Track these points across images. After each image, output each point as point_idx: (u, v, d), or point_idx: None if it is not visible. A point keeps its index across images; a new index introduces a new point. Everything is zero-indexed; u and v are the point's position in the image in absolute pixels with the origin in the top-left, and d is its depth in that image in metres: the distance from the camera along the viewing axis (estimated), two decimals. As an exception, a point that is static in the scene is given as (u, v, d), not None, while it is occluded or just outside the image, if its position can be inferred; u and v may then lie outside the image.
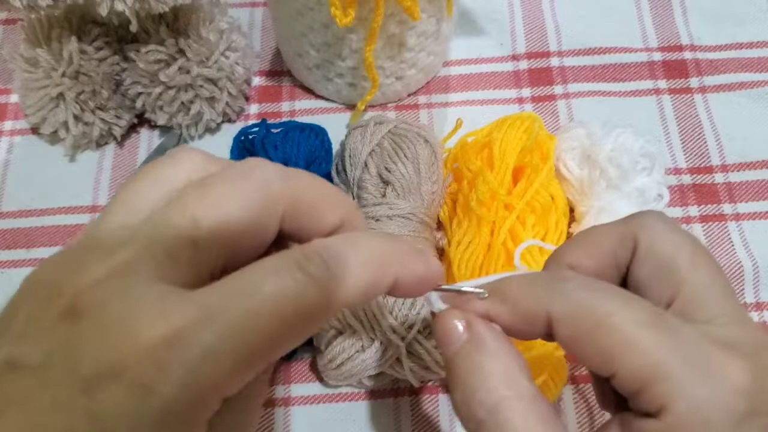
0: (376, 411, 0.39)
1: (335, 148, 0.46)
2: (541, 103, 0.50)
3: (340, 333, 0.38)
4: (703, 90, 0.50)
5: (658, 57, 0.51)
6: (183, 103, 0.46)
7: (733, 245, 0.44)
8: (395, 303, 0.36)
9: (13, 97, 0.50)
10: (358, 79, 0.47)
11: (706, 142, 0.48)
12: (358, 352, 0.37)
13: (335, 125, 0.47)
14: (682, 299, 0.24)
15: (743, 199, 0.46)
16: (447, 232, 0.42)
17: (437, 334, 0.26)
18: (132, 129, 0.49)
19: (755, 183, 0.46)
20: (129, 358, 0.18)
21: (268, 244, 0.22)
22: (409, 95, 0.50)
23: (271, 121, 0.48)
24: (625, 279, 0.26)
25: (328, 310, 0.21)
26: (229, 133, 0.47)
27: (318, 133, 0.46)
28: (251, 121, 0.49)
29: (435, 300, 0.27)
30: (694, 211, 0.46)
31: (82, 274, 0.19)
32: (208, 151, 0.48)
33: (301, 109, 0.50)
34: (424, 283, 0.24)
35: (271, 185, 0.21)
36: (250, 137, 0.45)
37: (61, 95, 0.45)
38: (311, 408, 0.40)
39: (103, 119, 0.46)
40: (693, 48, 0.52)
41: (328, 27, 0.44)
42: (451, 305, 0.27)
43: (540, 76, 0.51)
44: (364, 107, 0.47)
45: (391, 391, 0.40)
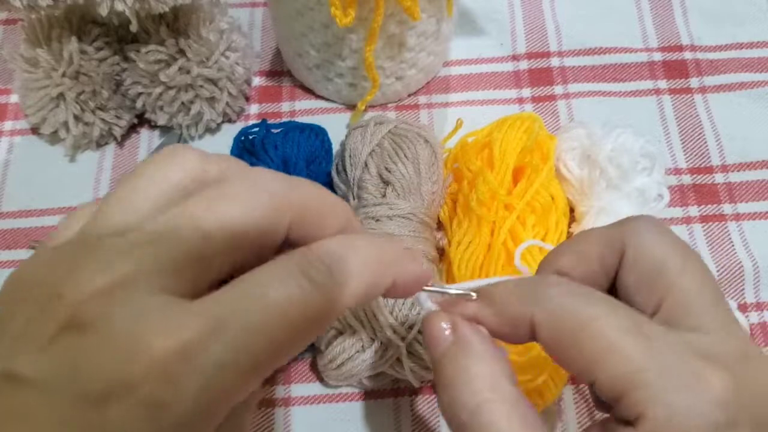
0: (376, 411, 0.39)
1: (335, 148, 0.46)
2: (541, 103, 0.50)
3: (340, 333, 0.38)
4: (703, 90, 0.50)
5: (658, 57, 0.51)
6: (183, 103, 0.46)
7: (733, 245, 0.44)
8: (395, 303, 0.36)
9: (13, 97, 0.50)
10: (358, 79, 0.47)
11: (706, 142, 0.48)
12: (358, 352, 0.37)
13: (335, 125, 0.47)
14: (668, 307, 0.24)
15: (743, 199, 0.46)
16: (447, 232, 0.42)
17: (424, 336, 0.26)
18: (132, 129, 0.49)
19: (755, 183, 0.46)
20: (140, 373, 0.17)
21: (273, 251, 0.22)
22: (409, 95, 0.50)
23: (271, 121, 0.48)
24: (615, 284, 0.26)
25: (332, 315, 0.21)
26: (229, 133, 0.47)
27: (318, 133, 0.46)
28: (251, 121, 0.49)
29: (424, 300, 0.27)
30: (694, 211, 0.46)
31: (82, 283, 0.18)
32: (208, 151, 0.48)
33: (301, 109, 0.50)
34: (417, 284, 0.24)
35: (280, 196, 0.21)
36: (251, 137, 0.45)
37: (61, 95, 0.45)
38: (311, 408, 0.40)
39: (103, 119, 0.46)
40: (693, 48, 0.52)
41: (328, 27, 0.44)
42: (441, 307, 0.27)
43: (540, 76, 0.51)
44: (364, 107, 0.47)
45: (391, 391, 0.40)
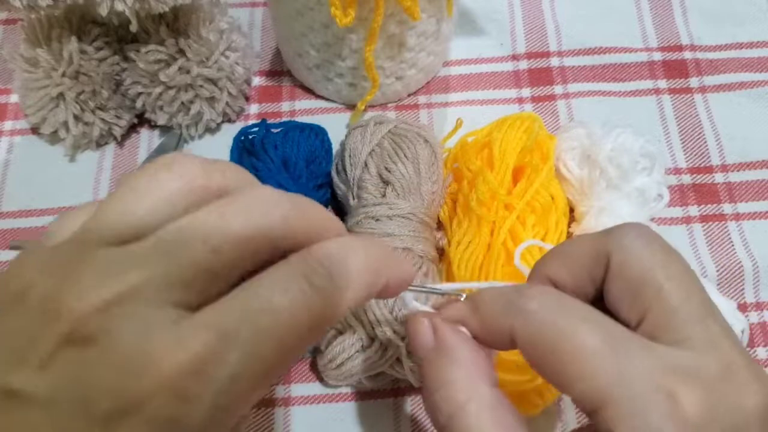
0: (376, 411, 0.39)
1: (335, 148, 0.46)
2: (541, 103, 0.50)
3: (340, 333, 0.38)
4: (703, 90, 0.50)
5: (658, 57, 0.51)
6: (183, 103, 0.46)
7: (733, 245, 0.44)
8: (395, 303, 0.36)
9: (13, 97, 0.50)
10: (358, 79, 0.47)
11: (706, 142, 0.48)
12: (358, 352, 0.37)
13: (335, 125, 0.47)
14: (652, 319, 0.23)
15: (743, 199, 0.46)
16: (447, 232, 0.42)
17: (408, 339, 0.26)
18: (132, 129, 0.49)
19: (755, 183, 0.46)
20: (149, 390, 0.17)
21: (277, 259, 0.22)
22: (409, 95, 0.50)
23: (271, 121, 0.48)
24: (603, 293, 0.26)
25: (334, 318, 0.21)
26: (229, 133, 0.47)
27: (318, 133, 0.46)
28: (251, 121, 0.49)
29: (409, 300, 0.27)
30: (694, 211, 0.46)
31: (85, 294, 0.18)
32: (208, 150, 0.48)
33: (301, 109, 0.50)
34: (404, 284, 0.25)
35: (286, 209, 0.21)
36: (250, 137, 0.45)
37: (61, 95, 0.45)
38: (311, 408, 0.40)
39: (103, 119, 0.46)
40: (693, 48, 0.52)
41: (328, 27, 0.44)
42: (435, 308, 0.27)
43: (540, 76, 0.51)
44: (364, 107, 0.47)
45: (391, 391, 0.40)
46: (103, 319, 0.18)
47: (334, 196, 0.45)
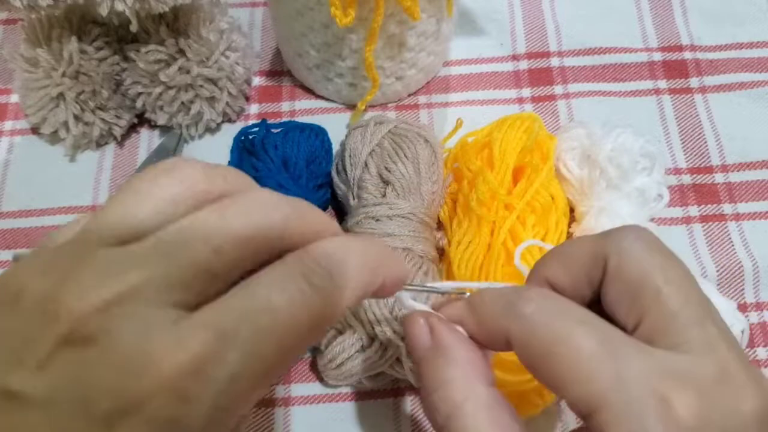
0: (376, 411, 0.39)
1: (335, 148, 0.46)
2: (541, 103, 0.50)
3: (340, 333, 0.38)
4: (703, 90, 0.50)
5: (658, 57, 0.51)
6: (183, 103, 0.46)
7: (733, 245, 0.44)
8: (395, 303, 0.36)
9: (13, 97, 0.50)
10: (358, 79, 0.47)
11: (706, 142, 0.48)
12: (358, 352, 0.37)
13: (335, 125, 0.47)
14: (649, 323, 0.23)
15: (743, 199, 0.46)
16: (447, 232, 0.42)
17: (405, 338, 0.26)
18: (132, 129, 0.49)
19: (755, 183, 0.46)
20: (149, 390, 0.17)
21: (275, 258, 0.22)
22: (409, 95, 0.50)
23: (271, 121, 0.48)
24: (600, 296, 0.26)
25: (333, 318, 0.21)
26: (229, 133, 0.47)
27: (318, 133, 0.46)
28: (251, 121, 0.49)
29: (406, 299, 0.27)
30: (694, 211, 0.46)
31: (84, 293, 0.18)
32: (208, 150, 0.48)
33: (301, 109, 0.50)
34: (400, 282, 0.25)
35: (286, 210, 0.21)
36: (251, 137, 0.45)
37: (61, 95, 0.45)
38: (311, 408, 0.40)
39: (103, 119, 0.46)
40: (693, 48, 0.52)
41: (328, 27, 0.44)
42: (433, 307, 0.27)
43: (540, 76, 0.51)
44: (364, 107, 0.47)
45: (391, 391, 0.40)
46: (103, 319, 0.17)
47: (334, 196, 0.45)
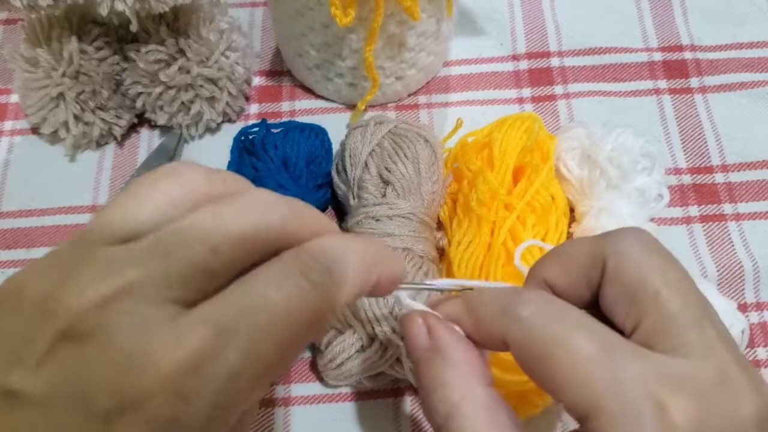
0: (376, 411, 0.39)
1: (335, 148, 0.46)
2: (541, 103, 0.50)
3: (340, 333, 0.38)
4: (703, 90, 0.50)
5: (658, 57, 0.51)
6: (183, 103, 0.46)
7: (733, 245, 0.44)
8: (395, 303, 0.36)
9: (13, 97, 0.50)
10: (358, 79, 0.47)
11: (706, 142, 0.48)
12: (358, 352, 0.37)
13: (335, 125, 0.47)
14: (647, 326, 0.23)
15: (743, 199, 0.46)
16: (447, 232, 0.42)
17: (403, 338, 0.26)
18: (132, 129, 0.49)
19: (755, 183, 0.46)
20: (147, 388, 0.17)
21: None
22: (409, 95, 0.50)
23: (271, 121, 0.48)
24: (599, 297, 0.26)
25: (331, 314, 0.21)
26: (229, 133, 0.47)
27: (318, 133, 0.46)
28: (251, 121, 0.49)
29: (404, 298, 0.27)
30: (694, 211, 0.46)
31: (82, 290, 0.18)
32: (208, 150, 0.48)
33: (301, 109, 0.50)
34: (396, 280, 0.25)
35: (284, 210, 0.21)
36: (251, 137, 0.45)
37: (61, 95, 0.45)
38: (311, 408, 0.40)
39: (103, 119, 0.46)
40: (693, 48, 0.52)
41: (328, 27, 0.44)
42: (430, 305, 0.27)
43: (540, 76, 0.51)
44: (364, 107, 0.47)
45: (391, 391, 0.40)
46: (101, 316, 0.17)
47: (334, 196, 0.45)
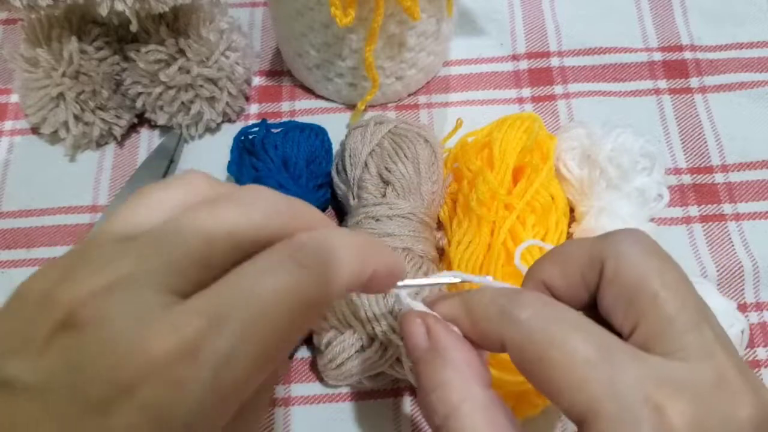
0: (376, 411, 0.39)
1: (335, 148, 0.46)
2: (541, 103, 0.50)
3: (340, 333, 0.38)
4: (703, 90, 0.50)
5: (658, 57, 0.51)
6: (183, 103, 0.46)
7: (733, 245, 0.44)
8: (395, 302, 0.36)
9: (13, 97, 0.50)
10: (358, 79, 0.47)
11: (706, 142, 0.48)
12: (358, 352, 0.37)
13: (335, 125, 0.47)
14: (645, 328, 0.23)
15: (743, 199, 0.46)
16: (447, 232, 0.42)
17: (402, 339, 0.26)
18: (132, 129, 0.49)
19: (755, 183, 0.46)
20: (140, 375, 0.17)
21: None
22: (409, 95, 0.50)
23: (271, 120, 0.48)
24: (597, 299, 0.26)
25: (327, 298, 0.21)
26: (229, 133, 0.47)
27: (318, 133, 0.46)
28: (251, 121, 0.49)
29: (404, 297, 0.27)
30: (694, 211, 0.46)
31: (79, 282, 0.18)
32: (208, 150, 0.48)
33: (301, 109, 0.50)
34: (392, 276, 0.25)
35: (279, 204, 0.22)
36: (251, 137, 0.45)
37: (61, 95, 0.45)
38: (311, 408, 0.40)
39: (103, 119, 0.46)
40: (693, 48, 0.52)
41: (328, 27, 0.44)
42: (427, 303, 0.27)
43: (540, 76, 0.51)
44: (364, 107, 0.47)
45: (391, 391, 0.40)
46: (97, 306, 0.18)
47: (334, 196, 0.45)
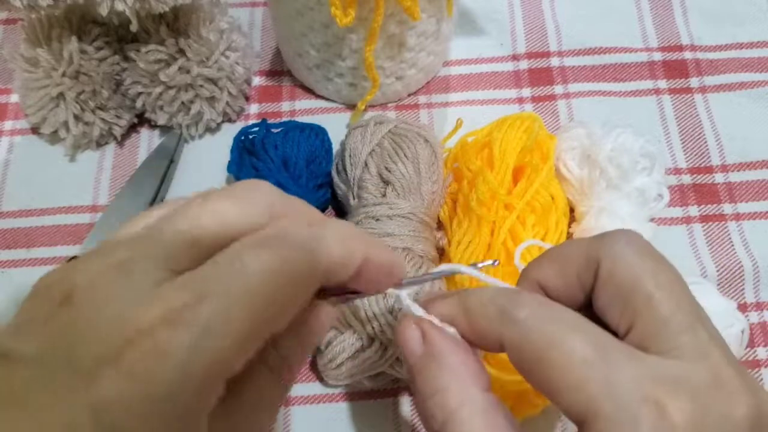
0: (376, 411, 0.39)
1: (335, 147, 0.46)
2: (541, 103, 0.50)
3: (340, 333, 0.38)
4: (703, 90, 0.50)
5: (658, 57, 0.51)
6: (183, 102, 0.46)
7: (733, 245, 0.44)
8: (395, 302, 0.36)
9: (14, 97, 0.50)
10: (358, 79, 0.47)
11: (706, 142, 0.48)
12: (358, 352, 0.37)
13: (335, 125, 0.47)
14: (640, 328, 0.23)
15: (743, 199, 0.46)
16: (447, 232, 0.42)
17: (398, 345, 0.26)
18: (132, 129, 0.49)
19: (755, 183, 0.46)
20: (127, 343, 0.18)
21: None
22: (409, 95, 0.50)
23: (271, 120, 0.48)
24: (592, 299, 0.26)
25: (312, 278, 0.21)
26: (229, 132, 0.47)
27: (318, 132, 0.46)
28: (251, 121, 0.49)
29: (404, 298, 0.27)
30: (694, 211, 0.46)
31: (80, 268, 0.20)
32: (208, 150, 0.48)
33: (301, 108, 0.50)
34: (389, 271, 0.25)
35: (274, 201, 0.22)
36: (251, 137, 0.45)
37: (61, 95, 0.45)
38: (311, 408, 0.40)
39: (103, 119, 0.46)
40: (693, 48, 0.52)
41: (328, 27, 0.44)
42: (423, 302, 0.27)
43: (540, 76, 0.51)
44: (364, 107, 0.47)
45: (391, 391, 0.40)
46: (92, 284, 0.19)
47: (335, 196, 0.45)
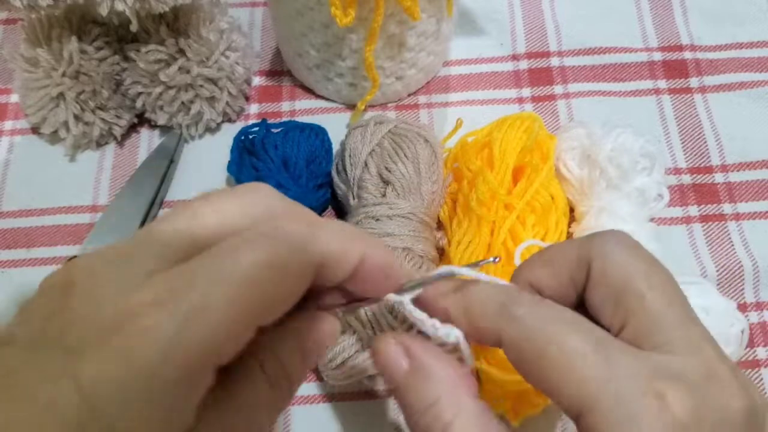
0: (376, 411, 0.39)
1: (335, 147, 0.46)
2: (541, 103, 0.50)
3: (340, 333, 0.38)
4: (703, 90, 0.50)
5: (658, 57, 0.51)
6: (183, 102, 0.46)
7: (733, 245, 0.44)
8: (396, 306, 0.36)
9: (14, 97, 0.50)
10: (358, 79, 0.47)
11: (706, 142, 0.48)
12: (358, 351, 0.37)
13: (335, 125, 0.47)
14: (634, 326, 0.24)
15: (743, 199, 0.46)
16: (447, 232, 0.42)
17: (378, 366, 0.26)
18: (132, 129, 0.49)
19: (755, 183, 0.46)
20: (114, 324, 0.18)
21: None
22: (409, 95, 0.50)
23: (271, 120, 0.48)
24: (585, 299, 0.26)
25: (303, 269, 0.21)
26: (229, 132, 0.47)
27: (318, 132, 0.46)
28: (251, 121, 0.49)
29: (407, 303, 0.27)
30: (694, 211, 0.46)
31: (79, 265, 0.20)
32: (208, 150, 0.48)
33: (301, 108, 0.50)
34: (389, 272, 0.25)
35: (274, 203, 0.22)
36: (251, 137, 0.45)
37: (61, 95, 0.45)
38: (311, 408, 0.40)
39: (103, 119, 0.46)
40: (693, 48, 0.52)
41: (328, 27, 0.44)
42: (421, 300, 0.27)
43: (540, 76, 0.51)
44: (364, 107, 0.47)
45: (391, 391, 0.40)
46: (89, 269, 0.20)
47: (334, 196, 0.45)
